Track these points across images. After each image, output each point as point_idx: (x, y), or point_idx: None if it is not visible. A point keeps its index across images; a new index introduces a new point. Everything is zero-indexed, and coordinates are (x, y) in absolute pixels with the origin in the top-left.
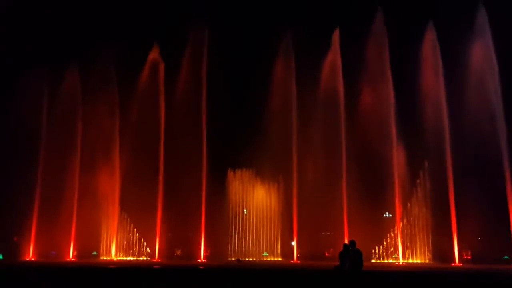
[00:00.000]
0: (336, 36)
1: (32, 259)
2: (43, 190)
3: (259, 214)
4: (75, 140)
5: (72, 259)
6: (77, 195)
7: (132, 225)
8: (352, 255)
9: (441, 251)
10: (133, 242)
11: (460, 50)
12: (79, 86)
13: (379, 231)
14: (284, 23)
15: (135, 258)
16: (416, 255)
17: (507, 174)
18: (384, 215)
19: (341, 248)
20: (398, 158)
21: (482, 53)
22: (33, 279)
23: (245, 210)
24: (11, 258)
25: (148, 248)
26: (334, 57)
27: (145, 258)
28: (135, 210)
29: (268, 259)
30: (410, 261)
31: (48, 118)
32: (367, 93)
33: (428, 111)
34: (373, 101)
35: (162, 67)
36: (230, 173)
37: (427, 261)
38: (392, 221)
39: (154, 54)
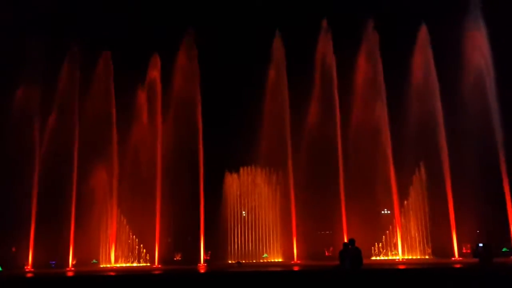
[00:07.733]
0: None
1: (32, 269)
2: (40, 198)
3: (257, 215)
4: (71, 147)
5: (72, 268)
6: (75, 202)
7: (131, 231)
8: (351, 253)
9: (440, 245)
10: (132, 248)
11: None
12: (77, 94)
13: (378, 228)
14: (274, 25)
15: (135, 264)
16: (415, 251)
17: (503, 166)
18: (383, 212)
19: (341, 247)
20: (394, 154)
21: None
22: None
23: (243, 212)
24: (10, 269)
25: (147, 254)
26: (325, 49)
27: (145, 264)
28: (133, 216)
29: (269, 260)
30: (410, 257)
31: (42, 125)
32: (362, 89)
33: (422, 107)
34: (367, 98)
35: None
36: (228, 175)
37: (426, 257)
38: (390, 217)
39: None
